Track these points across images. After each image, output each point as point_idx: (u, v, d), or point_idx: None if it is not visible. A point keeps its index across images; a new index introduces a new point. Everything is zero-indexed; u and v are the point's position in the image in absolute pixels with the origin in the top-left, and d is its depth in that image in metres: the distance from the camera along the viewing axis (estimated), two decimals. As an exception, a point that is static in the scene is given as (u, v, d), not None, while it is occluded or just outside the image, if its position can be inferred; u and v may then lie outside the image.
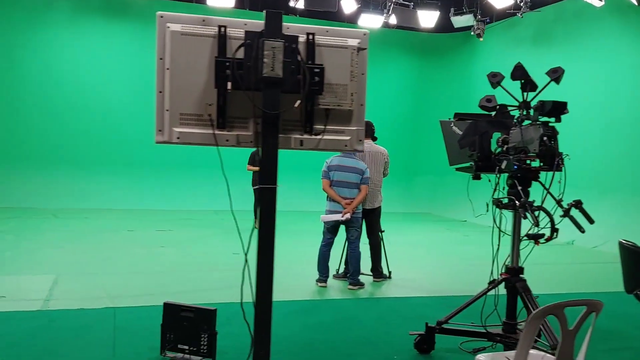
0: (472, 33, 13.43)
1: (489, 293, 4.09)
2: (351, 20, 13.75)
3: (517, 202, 3.75)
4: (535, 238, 3.87)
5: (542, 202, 3.74)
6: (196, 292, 5.71)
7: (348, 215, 5.94)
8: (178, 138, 2.62)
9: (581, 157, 9.12)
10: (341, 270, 6.58)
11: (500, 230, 3.92)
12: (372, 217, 6.45)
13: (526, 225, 3.95)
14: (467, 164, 4.19)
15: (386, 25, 12.81)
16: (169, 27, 2.59)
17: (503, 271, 4.08)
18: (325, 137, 2.74)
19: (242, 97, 2.62)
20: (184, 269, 6.89)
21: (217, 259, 7.58)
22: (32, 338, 4.09)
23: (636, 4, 9.51)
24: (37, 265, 6.66)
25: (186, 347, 3.76)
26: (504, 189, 4.08)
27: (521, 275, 4.04)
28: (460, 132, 4.27)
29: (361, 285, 6.12)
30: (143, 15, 13.28)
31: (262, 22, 2.63)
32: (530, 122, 3.90)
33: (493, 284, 4.06)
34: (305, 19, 13.96)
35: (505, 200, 3.93)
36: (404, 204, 14.60)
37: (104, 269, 6.63)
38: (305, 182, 12.39)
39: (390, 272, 6.65)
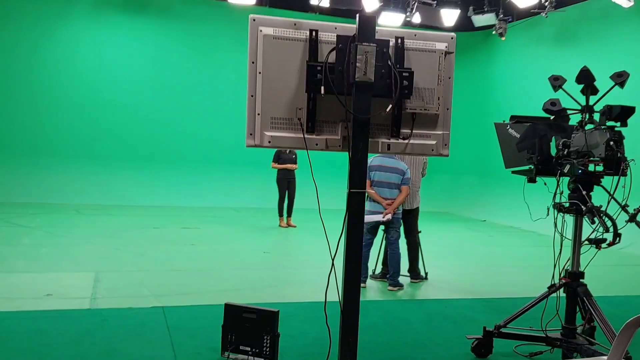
0: (493, 32, 13.37)
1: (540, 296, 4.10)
2: (372, 19, 13.72)
3: (583, 206, 3.73)
4: (597, 243, 3.87)
5: (607, 206, 3.73)
6: (238, 291, 5.71)
7: (389, 216, 5.93)
8: (269, 142, 2.62)
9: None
10: (377, 270, 6.58)
11: (562, 236, 3.90)
12: (410, 217, 6.44)
13: (586, 230, 3.95)
14: (525, 167, 4.17)
15: (409, 23, 12.77)
16: (261, 31, 2.58)
17: (563, 275, 4.06)
18: (412, 141, 2.74)
19: (330, 101, 2.62)
20: (219, 267, 6.89)
21: (249, 258, 7.60)
22: (90, 336, 4.09)
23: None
24: (73, 262, 6.67)
25: (248, 349, 3.76)
26: (561, 193, 4.06)
27: (581, 280, 4.02)
28: (517, 135, 4.25)
29: (400, 286, 6.11)
30: (163, 11, 13.29)
31: (352, 25, 2.64)
32: (593, 126, 3.88)
33: (553, 288, 4.04)
34: (325, 16, 13.94)
35: (567, 205, 3.91)
36: (421, 203, 14.57)
37: (141, 266, 6.64)
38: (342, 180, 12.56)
39: (426, 273, 6.64)
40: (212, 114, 13.66)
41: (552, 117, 4.16)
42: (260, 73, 2.60)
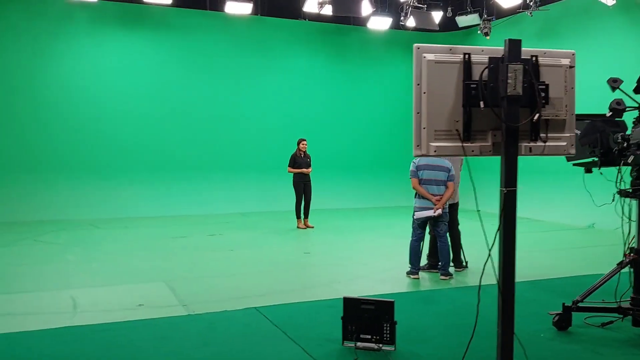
0: (478, 32, 14.06)
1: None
2: (359, 23, 14.25)
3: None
4: (659, 222, 4.46)
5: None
6: (310, 289, 6.09)
7: (439, 211, 6.42)
8: (435, 151, 3.04)
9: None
10: (424, 262, 7.05)
11: (629, 219, 4.46)
12: (452, 211, 6.95)
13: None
14: (588, 160, 4.72)
15: (403, 27, 13.32)
16: (424, 57, 3.00)
17: (627, 252, 4.62)
18: (547, 143, 3.21)
19: (481, 113, 3.07)
20: (272, 269, 7.22)
21: (293, 258, 7.98)
22: (212, 339, 4.40)
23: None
24: (132, 274, 6.86)
25: (369, 337, 4.17)
26: (621, 180, 4.61)
27: (646, 256, 4.58)
28: (576, 132, 4.79)
29: (451, 275, 6.61)
30: (160, 23, 13.42)
31: (498, 48, 3.10)
32: (650, 121, 4.45)
33: (622, 264, 4.60)
34: (316, 22, 14.36)
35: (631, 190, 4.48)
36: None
37: (202, 273, 6.92)
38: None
39: (467, 262, 7.16)
40: (212, 123, 13.88)
41: (608, 114, 4.73)
42: (425, 93, 3.02)
